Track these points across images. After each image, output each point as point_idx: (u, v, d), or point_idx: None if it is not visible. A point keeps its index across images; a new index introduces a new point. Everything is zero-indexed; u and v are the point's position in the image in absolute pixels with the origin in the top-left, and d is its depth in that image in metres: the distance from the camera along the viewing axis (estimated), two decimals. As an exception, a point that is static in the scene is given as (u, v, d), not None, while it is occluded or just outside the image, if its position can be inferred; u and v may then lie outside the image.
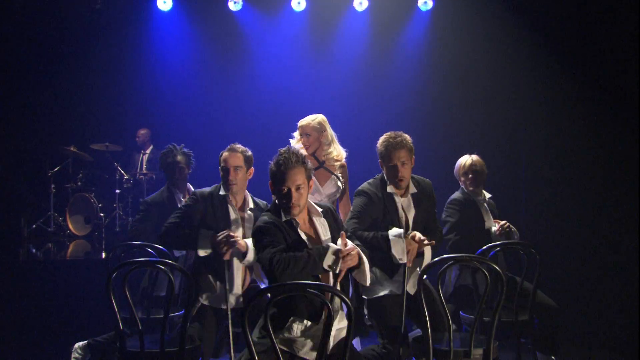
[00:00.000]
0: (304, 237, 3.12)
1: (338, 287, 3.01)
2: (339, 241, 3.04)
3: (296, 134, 4.90)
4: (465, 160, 4.85)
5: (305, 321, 2.96)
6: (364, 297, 3.91)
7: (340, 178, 4.75)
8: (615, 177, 6.93)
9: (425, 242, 3.68)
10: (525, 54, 7.76)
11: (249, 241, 3.78)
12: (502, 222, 4.63)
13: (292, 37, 9.12)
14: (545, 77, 7.56)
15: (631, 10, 6.73)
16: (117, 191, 9.04)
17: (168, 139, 9.54)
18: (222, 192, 4.18)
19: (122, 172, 9.14)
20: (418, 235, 3.71)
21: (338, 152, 4.85)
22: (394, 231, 3.71)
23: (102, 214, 8.91)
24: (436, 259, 3.31)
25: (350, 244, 3.03)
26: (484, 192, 4.85)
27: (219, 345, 4.18)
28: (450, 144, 7.80)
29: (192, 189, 5.09)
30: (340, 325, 3.05)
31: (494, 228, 4.65)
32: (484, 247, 4.06)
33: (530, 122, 7.69)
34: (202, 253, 3.91)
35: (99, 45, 9.29)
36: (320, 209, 3.24)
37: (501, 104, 8.03)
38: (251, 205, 4.22)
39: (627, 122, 6.82)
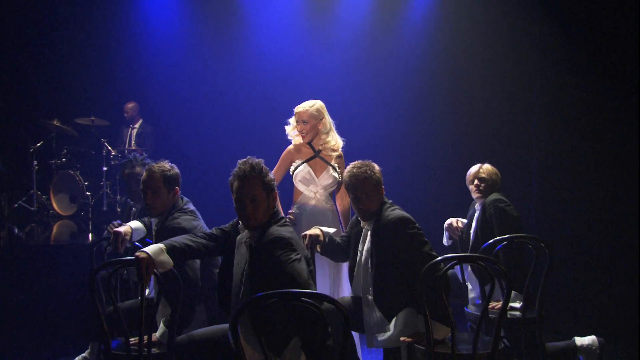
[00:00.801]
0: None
1: None
2: None
3: (292, 120, 4.85)
4: (473, 168, 4.96)
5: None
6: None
7: (337, 169, 4.74)
8: (628, 171, 6.98)
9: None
10: (542, 45, 7.73)
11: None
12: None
13: (291, 8, 9.09)
14: (560, 69, 7.54)
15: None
16: (105, 168, 9.05)
17: (157, 113, 9.75)
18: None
19: (110, 148, 9.15)
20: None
21: (335, 141, 4.83)
22: None
23: (88, 193, 8.94)
24: (439, 258, 3.34)
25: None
26: (491, 196, 4.85)
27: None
28: (457, 139, 7.87)
29: None
30: None
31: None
32: (490, 241, 4.12)
33: (542, 115, 7.71)
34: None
35: (84, 13, 9.26)
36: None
37: (512, 97, 8.06)
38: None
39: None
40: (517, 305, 4.34)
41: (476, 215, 4.86)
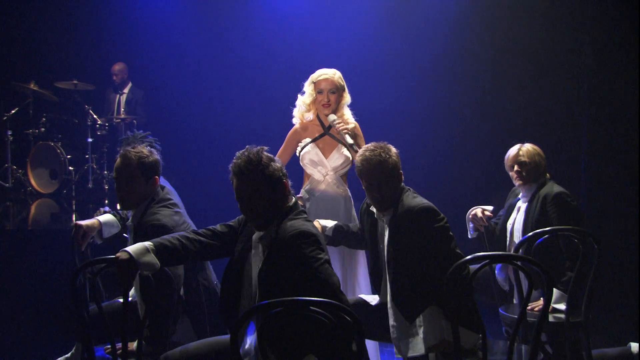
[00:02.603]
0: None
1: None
2: None
3: (309, 90, 4.86)
4: (511, 150, 4.89)
5: None
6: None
7: (354, 145, 4.68)
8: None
9: None
10: (593, 34, 7.67)
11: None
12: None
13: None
14: (612, 60, 7.50)
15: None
16: (90, 140, 9.10)
17: (148, 76, 9.77)
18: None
19: (95, 116, 9.19)
20: None
21: (349, 117, 4.88)
22: None
23: (71, 168, 9.01)
24: (469, 257, 3.33)
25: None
26: (550, 184, 4.81)
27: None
28: (500, 133, 7.90)
29: None
30: None
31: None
32: (530, 234, 4.13)
33: (593, 107, 7.69)
34: None
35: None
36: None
37: (561, 89, 8.05)
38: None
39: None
40: (561, 307, 4.37)
41: (524, 207, 4.80)
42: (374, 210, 3.96)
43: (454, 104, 8.64)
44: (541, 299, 4.38)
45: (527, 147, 4.85)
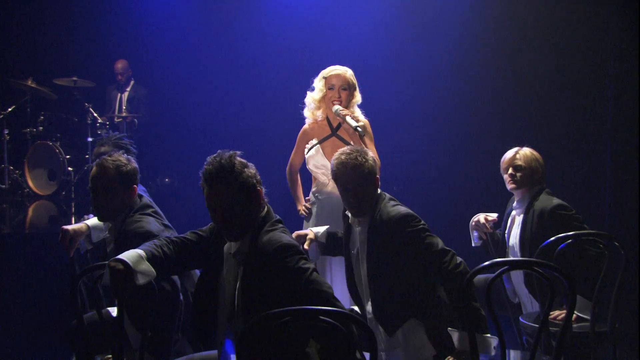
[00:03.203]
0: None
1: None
2: None
3: (319, 85, 4.88)
4: (508, 153, 4.85)
5: None
6: None
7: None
8: None
9: None
10: (617, 35, 7.68)
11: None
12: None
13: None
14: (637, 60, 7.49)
15: None
16: (90, 139, 9.09)
17: (151, 73, 9.79)
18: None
19: (95, 114, 9.19)
20: None
21: (359, 115, 4.88)
22: None
23: (70, 168, 9.00)
24: (486, 263, 3.32)
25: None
26: (547, 197, 4.76)
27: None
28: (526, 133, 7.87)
29: None
30: None
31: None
32: (552, 239, 4.11)
33: (618, 108, 7.67)
34: None
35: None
36: None
37: (585, 90, 8.05)
38: None
39: None
40: (585, 315, 4.33)
41: (519, 220, 4.78)
42: (349, 215, 3.98)
43: (472, 104, 8.64)
44: (563, 306, 4.36)
45: (525, 151, 4.80)
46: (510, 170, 4.76)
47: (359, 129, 4.57)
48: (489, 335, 3.50)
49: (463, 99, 8.64)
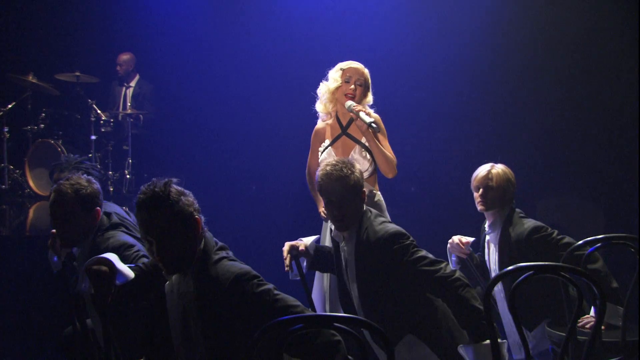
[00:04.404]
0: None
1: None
2: None
3: (335, 76, 4.90)
4: (480, 170, 4.81)
5: None
6: None
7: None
8: None
9: None
10: None
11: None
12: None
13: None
14: None
15: None
16: (93, 137, 9.09)
17: (157, 69, 9.80)
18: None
19: (99, 111, 9.21)
20: None
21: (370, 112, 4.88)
22: None
23: (72, 168, 9.03)
24: (511, 267, 3.30)
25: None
26: (519, 220, 4.73)
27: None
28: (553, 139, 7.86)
29: None
30: None
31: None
32: (580, 242, 4.07)
33: None
34: None
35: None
36: None
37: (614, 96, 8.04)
38: None
39: None
40: (616, 323, 4.29)
41: (493, 247, 4.76)
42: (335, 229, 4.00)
43: (486, 106, 8.66)
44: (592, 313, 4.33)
45: (499, 170, 4.78)
46: (480, 191, 4.74)
47: (374, 124, 4.56)
48: (499, 340, 3.48)
49: (482, 99, 8.65)
